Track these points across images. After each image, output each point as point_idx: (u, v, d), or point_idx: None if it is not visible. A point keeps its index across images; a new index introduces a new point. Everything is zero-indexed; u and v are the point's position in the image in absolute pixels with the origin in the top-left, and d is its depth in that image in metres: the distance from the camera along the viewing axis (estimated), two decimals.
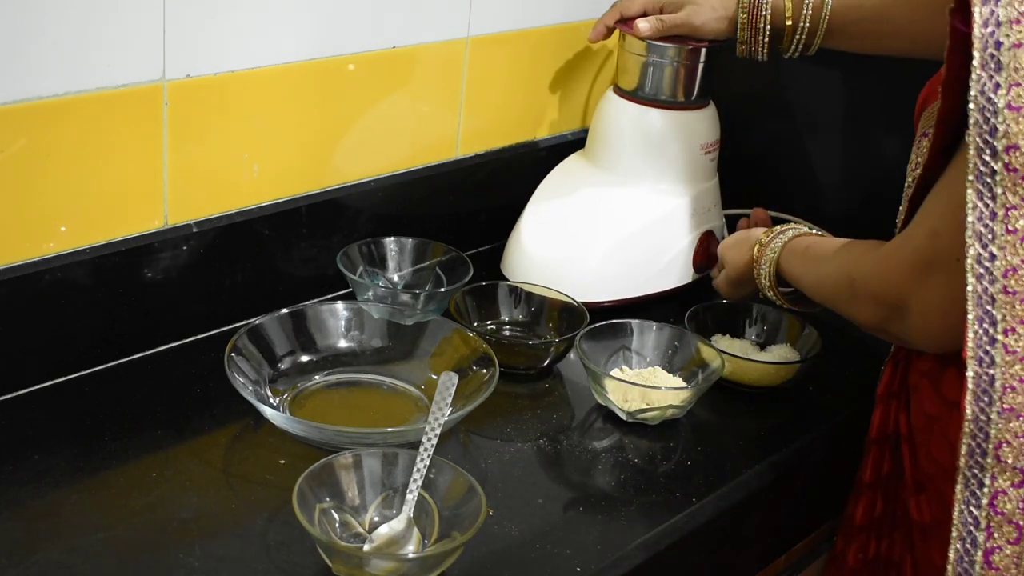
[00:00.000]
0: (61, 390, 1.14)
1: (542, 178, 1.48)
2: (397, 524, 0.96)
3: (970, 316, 0.90)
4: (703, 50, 1.40)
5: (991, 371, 0.91)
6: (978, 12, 0.85)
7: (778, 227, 1.24)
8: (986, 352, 0.91)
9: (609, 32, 1.45)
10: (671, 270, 1.43)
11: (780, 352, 1.31)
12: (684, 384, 1.21)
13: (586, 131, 1.52)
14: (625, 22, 1.42)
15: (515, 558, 0.98)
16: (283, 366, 1.17)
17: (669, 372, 1.24)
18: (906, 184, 1.09)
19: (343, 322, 1.22)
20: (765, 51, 1.36)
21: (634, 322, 1.27)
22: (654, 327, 1.27)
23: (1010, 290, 0.89)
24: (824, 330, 1.29)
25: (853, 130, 1.53)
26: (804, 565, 1.32)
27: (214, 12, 1.16)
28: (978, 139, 0.87)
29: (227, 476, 1.05)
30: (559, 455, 1.13)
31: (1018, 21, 0.85)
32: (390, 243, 1.36)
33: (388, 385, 1.20)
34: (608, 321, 1.26)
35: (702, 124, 1.45)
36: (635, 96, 1.43)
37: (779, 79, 1.59)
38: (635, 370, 1.24)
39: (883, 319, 1.03)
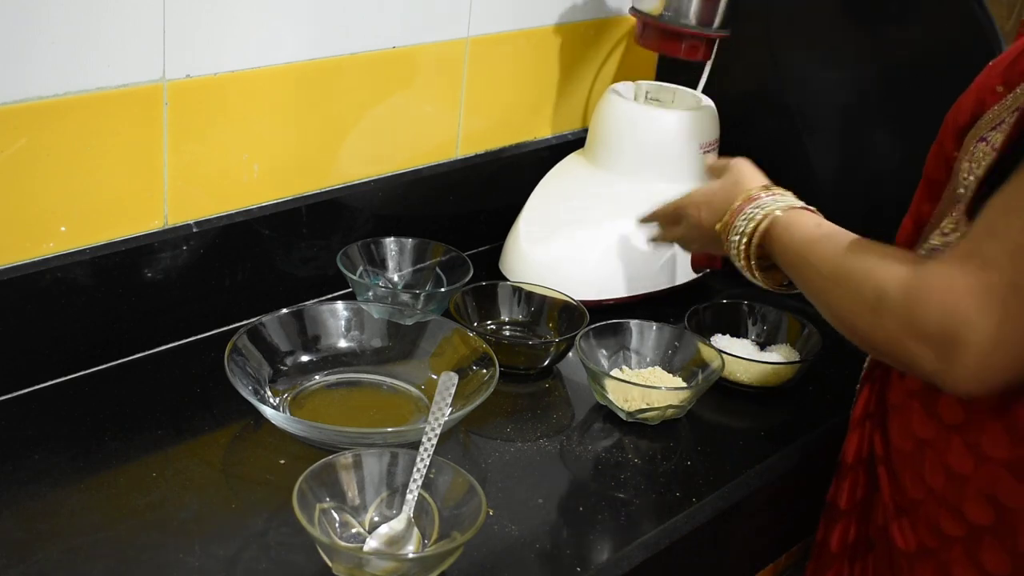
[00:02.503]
0: (61, 390, 1.14)
1: (542, 178, 1.48)
2: (397, 524, 0.96)
3: None
4: None
5: None
6: None
7: (768, 190, 1.10)
8: None
9: None
10: (670, 269, 1.43)
11: (780, 352, 1.31)
12: (684, 384, 1.21)
13: (586, 131, 1.52)
14: None
15: (515, 558, 0.98)
16: (283, 366, 1.17)
17: (669, 372, 1.24)
18: (961, 189, 0.97)
19: (343, 322, 1.22)
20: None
21: (634, 322, 1.27)
22: (654, 327, 1.27)
23: None
24: (824, 330, 1.29)
25: (853, 130, 1.53)
26: (804, 565, 1.32)
27: (214, 12, 1.16)
28: None
29: (227, 476, 1.05)
30: (559, 455, 1.13)
31: None
32: (390, 243, 1.36)
33: (388, 385, 1.20)
34: (608, 321, 1.26)
35: (702, 124, 1.45)
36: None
37: (779, 79, 1.59)
38: (635, 370, 1.24)
39: (911, 349, 0.87)
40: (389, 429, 1.08)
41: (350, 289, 1.33)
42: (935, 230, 1.01)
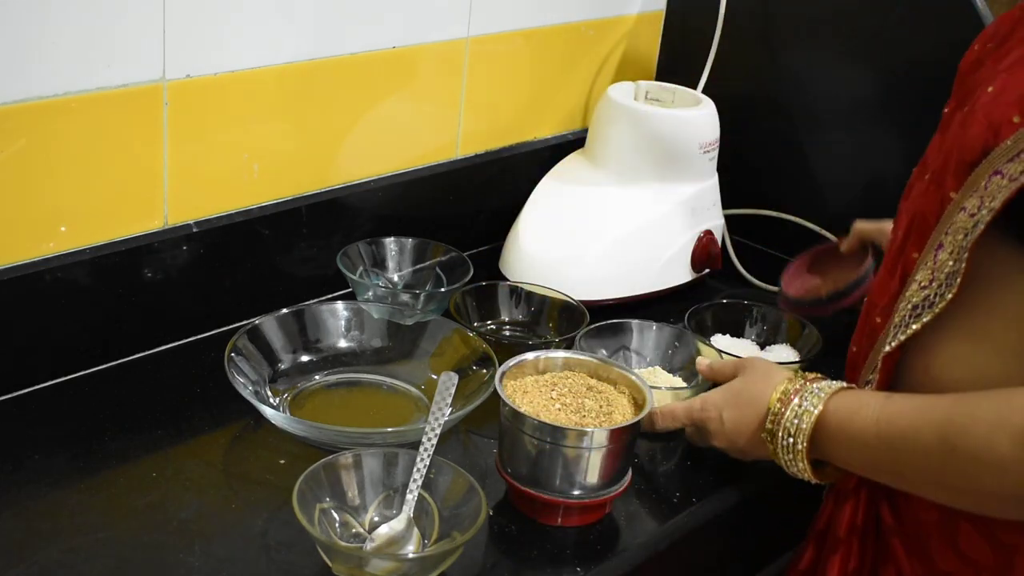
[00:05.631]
0: (61, 390, 1.14)
1: (542, 178, 1.48)
2: (397, 524, 0.96)
3: None
4: None
5: None
6: None
7: (799, 379, 1.01)
8: None
9: None
10: (670, 269, 1.43)
11: (780, 352, 1.31)
12: (684, 384, 1.21)
13: (586, 131, 1.52)
14: None
15: (515, 558, 0.98)
16: (283, 366, 1.17)
17: (669, 372, 1.24)
18: (961, 226, 0.89)
19: (343, 322, 1.22)
20: None
21: (634, 322, 1.27)
22: (654, 327, 1.27)
23: None
24: (824, 330, 1.29)
25: (852, 129, 1.53)
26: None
27: (214, 12, 1.16)
28: None
29: (227, 476, 1.05)
30: None
31: None
32: (390, 243, 1.36)
33: (388, 385, 1.20)
34: (608, 321, 1.26)
35: (702, 124, 1.45)
36: None
37: (779, 79, 1.59)
38: (635, 370, 1.24)
39: None
40: (389, 429, 1.08)
41: (350, 289, 1.33)
42: (913, 284, 0.94)
